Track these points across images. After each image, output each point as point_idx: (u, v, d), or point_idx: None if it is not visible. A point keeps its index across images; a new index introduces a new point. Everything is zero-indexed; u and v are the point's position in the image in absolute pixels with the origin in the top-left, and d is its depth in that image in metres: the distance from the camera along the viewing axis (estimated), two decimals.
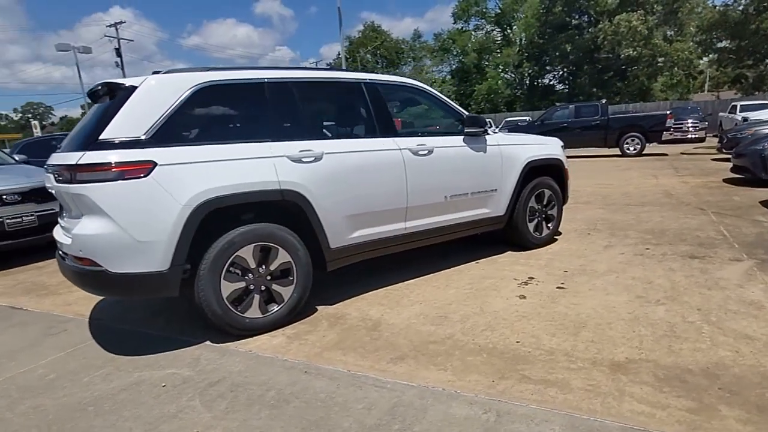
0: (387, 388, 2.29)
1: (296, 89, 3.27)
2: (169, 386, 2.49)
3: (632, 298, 3.17)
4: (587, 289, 3.41)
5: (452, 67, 50.26)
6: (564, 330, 2.77)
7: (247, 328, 2.98)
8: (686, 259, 3.92)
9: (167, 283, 2.71)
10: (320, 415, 2.12)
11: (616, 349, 2.50)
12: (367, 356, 2.65)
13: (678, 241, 4.47)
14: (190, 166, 2.73)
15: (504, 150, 4.21)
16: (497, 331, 2.82)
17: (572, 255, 4.29)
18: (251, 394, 2.34)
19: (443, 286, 3.70)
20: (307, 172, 3.10)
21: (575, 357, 2.45)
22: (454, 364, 2.47)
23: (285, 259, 3.09)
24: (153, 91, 2.77)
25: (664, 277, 3.52)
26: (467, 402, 2.12)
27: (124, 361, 2.82)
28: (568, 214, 5.87)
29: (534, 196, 4.50)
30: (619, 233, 4.94)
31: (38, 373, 2.78)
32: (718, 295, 3.13)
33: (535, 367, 2.38)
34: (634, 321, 2.82)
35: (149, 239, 2.62)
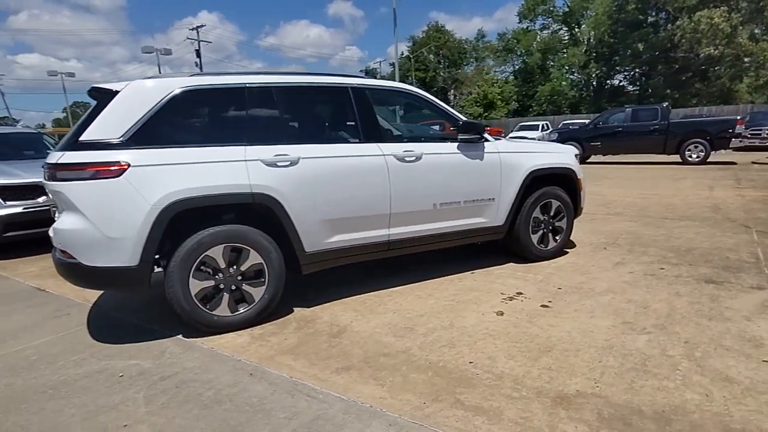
0: (318, 399, 2.26)
1: (278, 94, 3.31)
2: (125, 377, 2.61)
3: (617, 324, 2.91)
4: (573, 309, 3.18)
5: (515, 68, 48.84)
6: (526, 353, 2.60)
7: (215, 326, 3.06)
8: (700, 284, 3.54)
9: (136, 278, 2.84)
10: (242, 420, 2.13)
11: (571, 379, 2.30)
12: (316, 363, 2.63)
13: (701, 262, 4.06)
14: (162, 168, 2.84)
15: (504, 158, 4.02)
16: (455, 349, 2.70)
17: (576, 270, 4.02)
18: (191, 392, 2.40)
19: (426, 295, 3.60)
20: (280, 176, 3.12)
21: (522, 384, 2.29)
22: (395, 380, 2.39)
23: (256, 261, 3.14)
24: (132, 96, 2.91)
25: (664, 302, 3.21)
26: (387, 423, 2.04)
27: (100, 348, 3.00)
28: (593, 226, 5.54)
29: (539, 206, 4.26)
30: (639, 249, 4.56)
31: (26, 353, 3.01)
32: (717, 327, 2.80)
33: (476, 391, 2.25)
34: (607, 350, 2.59)
35: (119, 236, 2.76)
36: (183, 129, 3.05)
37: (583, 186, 4.55)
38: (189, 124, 3.08)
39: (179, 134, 3.01)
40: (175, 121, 3.00)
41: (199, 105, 3.11)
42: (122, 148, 2.80)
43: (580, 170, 4.52)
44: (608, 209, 6.74)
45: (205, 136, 3.09)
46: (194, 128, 3.10)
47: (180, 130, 3.03)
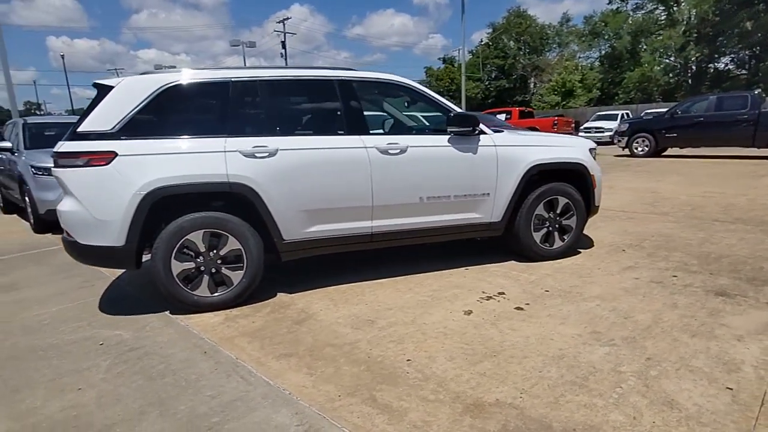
0: (247, 382, 2.38)
1: (262, 88, 3.43)
2: (105, 346, 2.91)
3: (584, 333, 2.71)
4: (547, 314, 3.00)
5: (601, 53, 45.46)
6: (469, 356, 2.52)
7: (196, 305, 3.29)
8: (708, 295, 3.17)
9: (123, 256, 3.13)
10: (173, 394, 2.30)
11: (498, 387, 2.20)
12: (266, 348, 2.75)
13: (726, 272, 3.61)
14: (146, 157, 3.09)
15: (501, 151, 3.84)
16: (402, 345, 2.68)
17: (576, 273, 3.77)
18: (146, 364, 2.62)
19: (407, 289, 3.58)
20: (258, 167, 3.25)
21: (445, 387, 2.23)
22: (326, 371, 2.44)
23: (235, 246, 3.31)
24: (125, 90, 3.17)
25: (652, 313, 2.92)
26: (294, 412, 2.10)
27: (99, 318, 3.35)
28: (626, 226, 5.14)
29: (543, 203, 4.02)
30: (661, 254, 4.15)
31: (42, 317, 3.44)
32: (696, 345, 2.51)
33: (396, 390, 2.23)
34: (555, 359, 2.43)
35: (107, 218, 3.05)
36: (169, 121, 3.27)
37: (597, 183, 4.21)
38: (174, 117, 3.29)
39: (165, 126, 3.24)
40: (161, 113, 3.23)
41: (184, 99, 3.31)
42: (112, 139, 3.08)
43: (594, 166, 4.19)
44: (654, 208, 6.17)
45: (189, 128, 3.29)
46: (179, 120, 3.30)
47: (166, 123, 3.25)
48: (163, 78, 3.25)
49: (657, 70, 37.92)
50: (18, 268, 4.89)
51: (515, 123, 17.62)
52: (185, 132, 3.25)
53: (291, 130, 3.43)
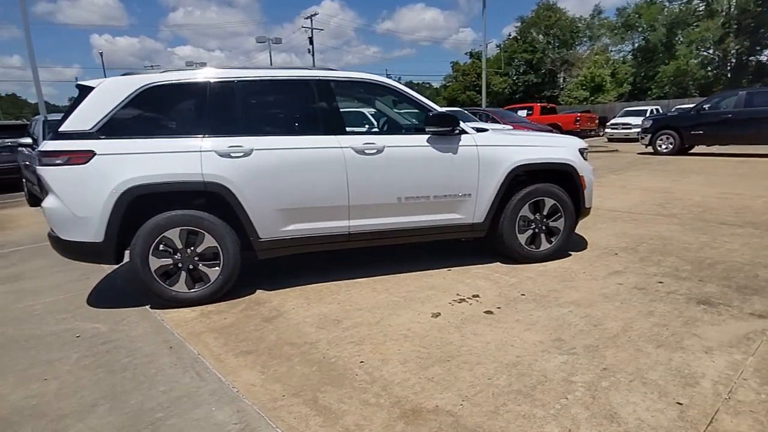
0: (200, 378, 2.43)
1: (239, 88, 3.47)
2: (81, 338, 3.02)
3: (546, 340, 2.64)
4: (515, 320, 2.94)
5: (634, 46, 43.94)
6: (424, 360, 2.50)
7: (173, 300, 3.37)
8: (689, 304, 3.04)
9: (103, 252, 3.24)
10: (128, 387, 2.37)
11: (441, 394, 2.18)
12: (228, 344, 2.80)
13: (716, 279, 3.45)
14: (123, 156, 3.17)
15: (483, 151, 3.77)
16: (360, 347, 2.68)
17: (558, 276, 3.67)
18: (112, 357, 2.71)
19: (383, 290, 3.57)
20: (233, 166, 3.30)
21: (388, 392, 2.22)
22: (279, 370, 2.47)
23: (212, 244, 3.37)
24: (104, 91, 3.26)
25: (624, 321, 2.82)
26: (236, 410, 2.13)
27: (84, 310, 3.48)
28: (626, 228, 5.00)
29: (529, 204, 3.94)
30: (654, 258, 4.00)
31: (35, 308, 3.60)
32: (659, 356, 2.41)
33: (339, 392, 2.24)
34: (508, 367, 2.38)
35: (85, 215, 3.15)
36: (146, 121, 3.34)
37: (588, 184, 4.09)
38: (152, 117, 3.36)
39: (143, 126, 3.32)
40: (139, 114, 3.31)
41: (162, 99, 3.37)
42: (91, 138, 3.17)
43: (584, 166, 4.07)
44: (663, 209, 5.94)
45: (166, 127, 3.36)
46: (157, 121, 3.38)
47: (144, 123, 3.33)
48: (142, 79, 3.33)
49: (693, 63, 36.44)
50: (26, 259, 5.12)
51: (536, 119, 17.26)
52: (163, 132, 3.33)
53: (267, 130, 3.45)
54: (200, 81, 3.40)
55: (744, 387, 2.10)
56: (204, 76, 3.41)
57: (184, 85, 3.39)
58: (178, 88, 3.38)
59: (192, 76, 3.41)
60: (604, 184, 8.15)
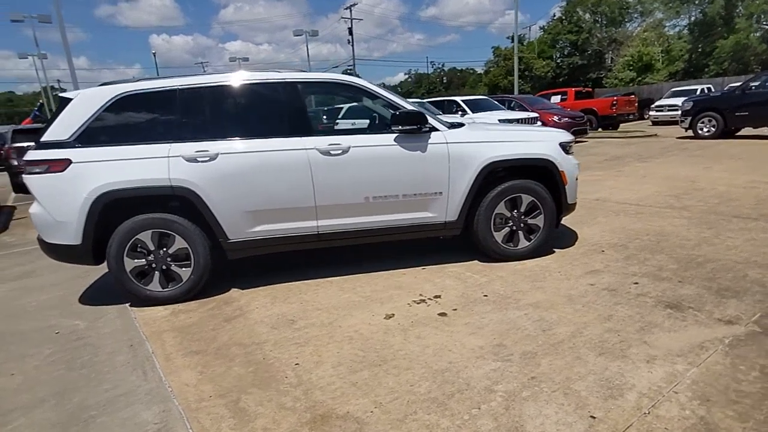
0: (144, 377, 2.55)
1: (207, 94, 3.56)
2: (59, 334, 3.24)
3: (487, 345, 2.58)
4: (464, 323, 2.88)
5: (690, 20, 41.01)
6: (357, 363, 2.50)
7: (148, 299, 3.55)
8: (656, 308, 2.86)
9: (82, 253, 3.44)
10: (79, 384, 2.53)
11: (358, 399, 2.18)
12: (183, 343, 2.92)
13: (698, 280, 3.23)
14: (96, 164, 3.35)
15: (453, 149, 3.68)
16: (303, 348, 2.72)
17: (531, 276, 3.56)
18: (77, 355, 2.89)
19: (349, 289, 3.59)
20: (199, 171, 3.40)
21: (308, 395, 2.25)
22: (216, 371, 2.55)
23: (182, 245, 3.51)
24: (81, 102, 3.44)
25: (577, 326, 2.70)
26: (162, 410, 2.23)
27: (70, 308, 3.72)
28: (626, 222, 4.79)
29: (505, 201, 3.82)
30: (642, 256, 3.78)
31: (32, 304, 3.89)
32: (595, 365, 2.30)
33: (263, 394, 2.29)
34: (436, 374, 2.35)
35: (64, 220, 3.36)
36: (120, 129, 3.49)
37: (570, 179, 3.91)
38: (125, 125, 3.51)
39: (116, 134, 3.47)
40: (112, 122, 3.46)
41: (133, 108, 3.51)
42: (68, 147, 3.36)
43: (565, 161, 3.89)
44: (677, 201, 5.58)
45: (137, 135, 3.49)
46: (129, 128, 3.52)
47: (117, 131, 3.48)
48: (115, 89, 3.48)
49: (754, 37, 33.57)
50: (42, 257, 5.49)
51: (571, 104, 16.56)
52: (134, 139, 3.46)
53: (233, 134, 3.52)
54: (169, 89, 3.51)
55: (671, 401, 1.97)
56: (172, 84, 3.52)
57: (154, 93, 3.51)
58: (148, 96, 3.51)
59: (162, 84, 3.53)
60: (625, 174, 7.75)
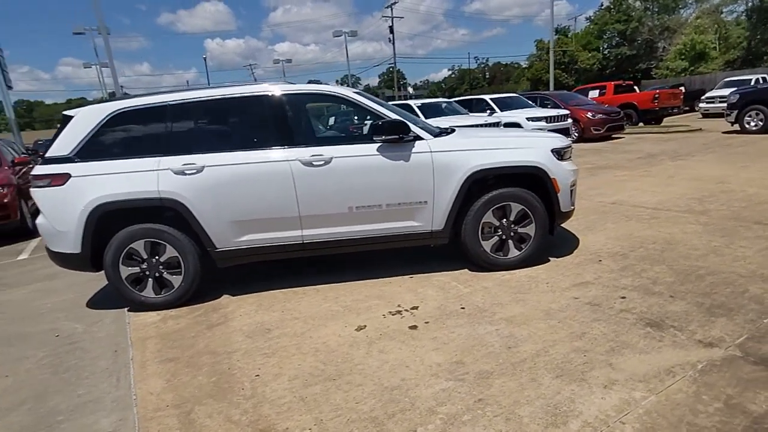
0: (116, 384, 2.68)
1: (195, 109, 3.68)
2: (58, 337, 3.46)
3: (446, 362, 2.53)
4: (431, 337, 2.84)
5: (748, 5, 38.21)
6: (313, 377, 2.52)
7: (143, 305, 3.72)
8: (635, 326, 2.71)
9: (82, 261, 3.65)
10: (58, 389, 2.69)
11: (301, 416, 2.19)
12: (162, 350, 3.04)
13: (692, 295, 3.02)
14: (92, 177, 3.54)
15: (438, 157, 3.62)
16: (268, 359, 2.77)
17: (516, 287, 3.45)
18: (67, 359, 3.08)
19: (332, 298, 3.62)
20: (186, 183, 3.53)
21: (257, 409, 2.28)
22: (182, 380, 2.64)
23: (173, 254, 3.66)
24: (81, 119, 3.65)
25: (545, 344, 2.60)
26: (120, 418, 2.34)
27: (76, 311, 3.95)
28: (636, 228, 4.58)
29: (492, 210, 3.72)
30: (640, 267, 3.58)
31: (47, 306, 4.17)
32: (551, 388, 2.20)
33: (215, 406, 2.35)
34: (386, 391, 2.33)
35: (64, 230, 3.58)
36: (114, 144, 3.67)
37: (563, 187, 3.74)
38: (119, 140, 3.68)
39: (111, 149, 3.65)
40: (108, 138, 3.65)
41: (127, 123, 3.67)
42: (68, 162, 3.58)
43: (558, 168, 3.73)
44: (699, 204, 5.24)
45: (131, 149, 3.65)
46: (123, 143, 3.69)
47: (112, 146, 3.66)
48: (111, 106, 3.67)
49: None
50: None
51: (609, 99, 15.83)
52: (128, 153, 3.63)
53: (219, 147, 3.62)
54: (159, 104, 3.66)
55: None
56: (162, 99, 3.67)
57: (146, 110, 3.67)
58: (141, 112, 3.68)
59: (153, 100, 3.68)
60: (652, 174, 7.34)
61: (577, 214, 5.26)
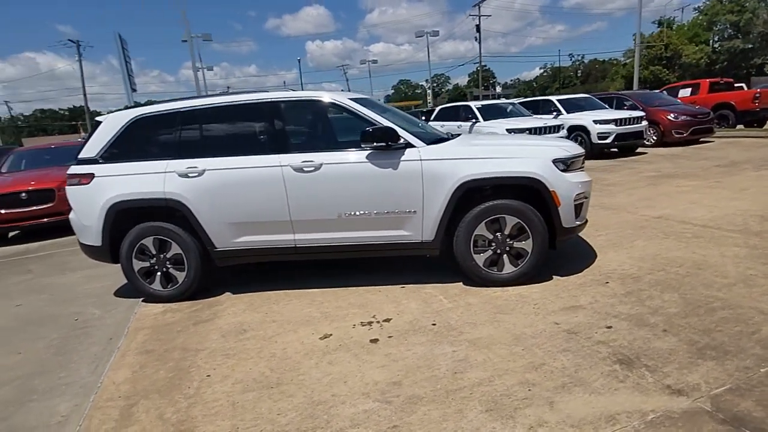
0: (93, 371, 2.93)
1: (200, 116, 3.90)
2: (78, 321, 3.85)
3: (383, 381, 2.44)
4: (385, 353, 2.75)
5: None
6: (256, 383, 2.57)
7: (151, 296, 4.04)
8: (602, 362, 2.41)
9: (102, 253, 4.04)
10: (46, 370, 3.00)
11: (222, 421, 2.24)
12: (148, 342, 3.27)
13: (689, 331, 2.63)
14: (112, 178, 3.90)
15: (427, 166, 3.50)
16: (227, 360, 2.86)
17: (500, 306, 3.23)
18: (71, 342, 3.42)
19: (317, 303, 3.65)
20: (189, 185, 3.77)
21: (188, 411, 2.37)
22: (145, 372, 2.82)
23: (178, 251, 3.93)
24: (107, 125, 4.03)
25: (496, 373, 2.41)
26: (75, 404, 2.55)
27: (104, 298, 4.37)
28: (669, 247, 4.14)
29: (486, 222, 3.53)
30: (645, 294, 3.19)
31: (86, 291, 4.66)
32: (470, 423, 2.02)
33: (157, 402, 2.48)
34: (312, 405, 2.30)
35: (89, 224, 3.98)
36: (132, 147, 3.98)
37: (564, 200, 3.43)
38: (137, 144, 4.00)
39: (129, 152, 3.98)
40: (127, 142, 3.98)
41: (144, 129, 3.98)
42: (94, 164, 3.98)
43: (559, 180, 3.43)
44: (759, 224, 4.53)
45: (145, 152, 3.96)
46: (139, 147, 3.99)
47: (130, 149, 3.98)
48: (132, 112, 4.02)
49: None
50: None
51: (702, 99, 14.19)
52: (143, 156, 3.95)
53: (219, 152, 3.81)
54: (171, 111, 3.93)
55: None
56: (174, 107, 3.94)
57: (159, 116, 3.97)
58: (155, 118, 3.98)
59: (167, 107, 3.97)
60: (722, 185, 6.48)
61: (609, 228, 4.83)
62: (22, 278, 5.47)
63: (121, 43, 18.88)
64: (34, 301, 4.53)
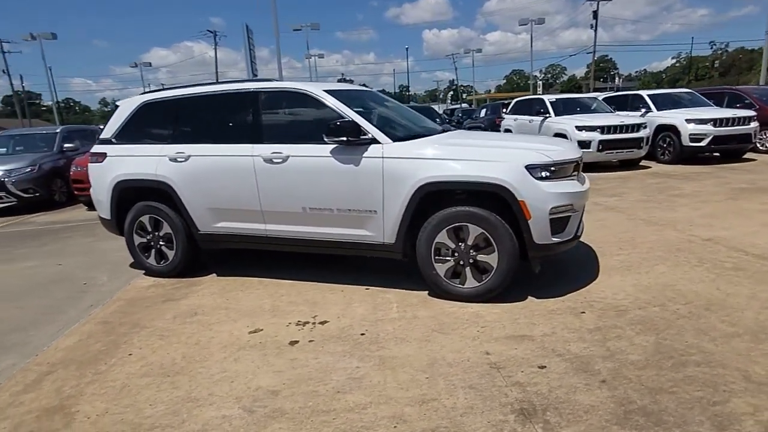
0: (53, 333, 3.22)
1: (192, 103, 4.05)
2: (86, 285, 4.29)
3: (264, 388, 2.34)
4: (291, 358, 2.63)
5: None
6: (157, 369, 2.62)
7: (148, 270, 4.35)
8: (501, 407, 2.04)
9: (113, 226, 4.43)
10: (31, 324, 3.37)
11: (100, 404, 2.32)
12: (117, 313, 3.52)
13: (635, 387, 2.12)
14: (119, 158, 4.24)
15: (389, 164, 3.26)
16: (158, 341, 2.97)
17: (443, 324, 2.92)
18: (66, 303, 3.80)
19: (277, 296, 3.64)
20: (176, 169, 3.95)
21: (84, 388, 2.48)
22: (88, 342, 3.03)
23: (168, 230, 4.17)
24: (122, 108, 4.37)
25: (378, 399, 2.17)
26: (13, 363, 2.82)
27: (120, 267, 4.79)
28: (682, 277, 3.50)
29: (448, 230, 3.21)
30: (617, 332, 2.65)
31: (112, 259, 5.18)
32: None
33: (72, 373, 2.64)
34: (181, 402, 2.28)
35: (101, 199, 4.38)
36: (139, 131, 4.28)
37: (536, 212, 2.98)
38: (143, 127, 4.27)
39: (137, 134, 4.27)
40: (135, 125, 4.28)
41: (151, 113, 4.23)
42: (108, 144, 4.35)
43: (531, 188, 2.98)
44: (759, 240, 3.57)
45: (148, 135, 4.23)
46: (145, 130, 4.26)
47: (138, 132, 4.27)
48: (142, 98, 4.30)
49: None
50: None
51: None
52: (146, 139, 4.23)
53: (204, 139, 3.92)
54: (172, 97, 4.14)
55: None
56: (175, 93, 4.14)
57: (164, 102, 4.19)
58: (160, 104, 4.21)
59: (169, 93, 4.19)
60: None
61: (637, 248, 4.18)
62: (85, 240, 6.17)
63: (247, 33, 20.70)
64: (73, 263, 5.11)
